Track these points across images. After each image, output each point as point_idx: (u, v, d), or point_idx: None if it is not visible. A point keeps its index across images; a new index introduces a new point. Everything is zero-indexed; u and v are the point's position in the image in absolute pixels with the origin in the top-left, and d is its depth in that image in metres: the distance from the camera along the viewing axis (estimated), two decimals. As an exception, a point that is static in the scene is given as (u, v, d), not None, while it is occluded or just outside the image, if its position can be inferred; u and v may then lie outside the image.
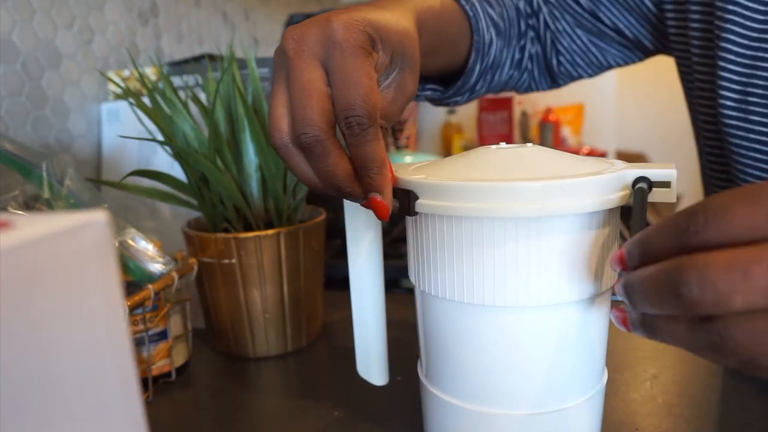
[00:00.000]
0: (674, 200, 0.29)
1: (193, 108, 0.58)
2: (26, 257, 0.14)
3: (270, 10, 1.14)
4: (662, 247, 0.22)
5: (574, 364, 0.30)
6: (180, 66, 0.71)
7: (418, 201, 0.30)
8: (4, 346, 0.13)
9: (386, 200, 0.31)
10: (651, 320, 0.23)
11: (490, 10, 0.52)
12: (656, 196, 0.28)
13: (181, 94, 0.58)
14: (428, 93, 0.52)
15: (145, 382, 0.44)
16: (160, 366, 0.46)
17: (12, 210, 0.41)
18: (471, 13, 0.49)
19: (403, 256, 0.78)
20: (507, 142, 0.33)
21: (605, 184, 0.28)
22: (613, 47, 0.57)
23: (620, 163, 0.31)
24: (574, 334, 0.30)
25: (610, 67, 0.59)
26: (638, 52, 0.57)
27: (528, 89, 0.62)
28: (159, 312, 0.46)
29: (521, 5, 0.57)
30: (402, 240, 0.84)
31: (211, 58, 0.72)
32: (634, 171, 0.29)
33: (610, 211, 0.29)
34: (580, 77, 0.61)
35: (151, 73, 0.69)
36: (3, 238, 0.13)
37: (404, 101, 0.35)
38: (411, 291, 0.66)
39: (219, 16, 0.97)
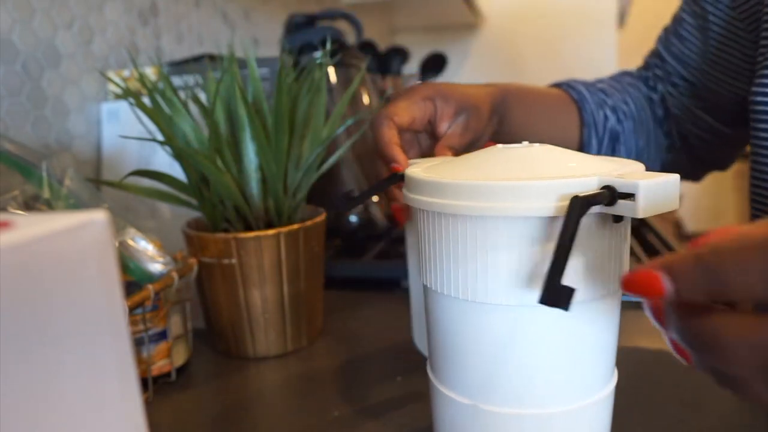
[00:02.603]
0: (638, 215, 0.25)
1: (193, 108, 0.58)
2: (26, 257, 0.14)
3: (270, 10, 1.14)
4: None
5: (583, 364, 0.30)
6: (180, 66, 0.71)
7: (424, 198, 0.30)
8: (3, 346, 0.13)
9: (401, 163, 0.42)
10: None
11: (601, 95, 0.62)
12: (620, 208, 0.26)
13: (181, 94, 0.58)
14: None
15: (145, 382, 0.44)
16: (160, 366, 0.46)
17: (12, 210, 0.41)
18: (576, 96, 0.60)
19: (403, 256, 0.77)
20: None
21: (567, 188, 0.26)
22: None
23: (633, 164, 0.31)
24: (583, 334, 0.29)
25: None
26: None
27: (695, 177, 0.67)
28: (159, 312, 0.46)
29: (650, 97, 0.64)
30: (402, 240, 0.84)
31: (211, 58, 0.72)
32: (602, 178, 0.26)
33: None
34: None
35: (151, 73, 0.69)
36: (3, 238, 0.13)
37: (471, 136, 0.47)
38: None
39: (219, 16, 0.97)
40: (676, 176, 0.26)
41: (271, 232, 0.48)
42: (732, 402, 0.40)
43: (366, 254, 0.74)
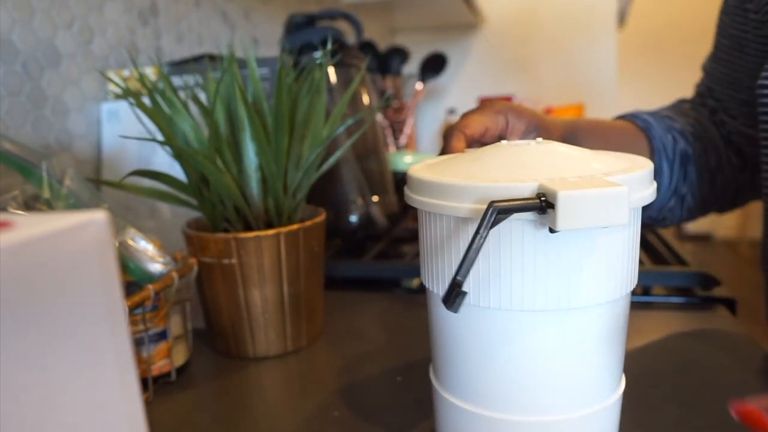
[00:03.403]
0: (557, 228, 0.24)
1: (193, 108, 0.58)
2: (26, 257, 0.14)
3: (270, 10, 1.14)
4: None
5: (588, 371, 0.29)
6: (180, 66, 0.71)
7: (425, 199, 0.30)
8: (3, 345, 0.13)
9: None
10: None
11: (668, 121, 0.61)
12: (548, 218, 0.25)
13: (181, 94, 0.58)
14: None
15: (145, 382, 0.44)
16: (160, 366, 0.46)
17: (12, 210, 0.41)
18: (642, 125, 0.60)
19: (403, 256, 0.77)
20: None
21: (489, 192, 0.26)
22: None
23: (642, 160, 0.30)
24: (589, 340, 0.29)
25: None
26: None
27: None
28: (159, 312, 0.46)
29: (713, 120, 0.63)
30: (402, 240, 0.84)
31: (211, 58, 0.72)
32: (542, 185, 0.25)
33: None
34: None
35: (151, 73, 0.69)
36: (3, 238, 0.13)
37: None
38: (411, 291, 0.66)
39: (219, 16, 0.97)
40: (622, 189, 0.24)
41: (271, 232, 0.48)
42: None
43: (366, 254, 0.74)
